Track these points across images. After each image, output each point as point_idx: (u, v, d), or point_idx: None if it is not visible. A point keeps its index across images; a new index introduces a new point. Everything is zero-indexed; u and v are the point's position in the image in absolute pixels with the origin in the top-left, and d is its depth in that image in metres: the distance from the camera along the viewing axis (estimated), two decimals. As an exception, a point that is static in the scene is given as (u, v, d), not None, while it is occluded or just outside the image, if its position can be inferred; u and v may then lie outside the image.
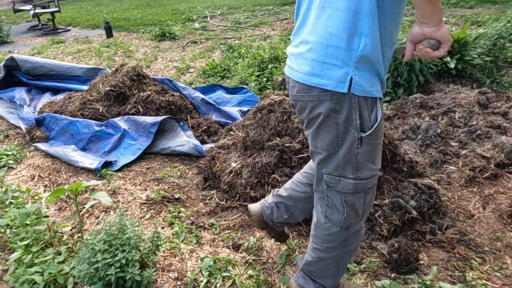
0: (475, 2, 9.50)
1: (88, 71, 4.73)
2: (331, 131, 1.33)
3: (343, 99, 1.26)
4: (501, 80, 4.18)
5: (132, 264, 1.73)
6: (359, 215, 1.45)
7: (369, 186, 1.41)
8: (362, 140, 1.31)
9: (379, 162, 1.42)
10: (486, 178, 2.57)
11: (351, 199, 1.41)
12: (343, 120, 1.29)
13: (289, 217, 1.83)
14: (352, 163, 1.36)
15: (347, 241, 1.52)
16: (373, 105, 1.29)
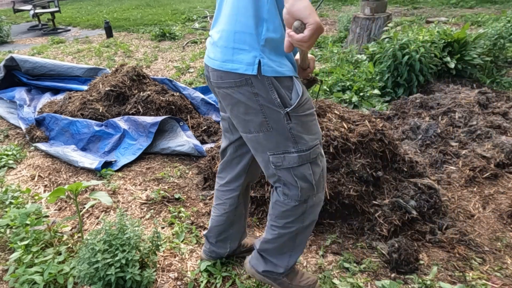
0: (475, 2, 9.50)
1: (88, 71, 4.73)
2: (258, 113, 1.39)
3: (258, 82, 1.32)
4: (501, 80, 4.18)
5: (132, 264, 1.73)
6: (313, 186, 1.49)
7: (313, 156, 1.46)
8: (289, 115, 1.37)
9: (317, 132, 1.47)
10: (486, 178, 2.57)
11: (300, 171, 1.46)
12: (264, 101, 1.35)
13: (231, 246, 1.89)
14: (290, 138, 1.41)
15: (305, 215, 1.56)
16: (289, 84, 1.35)
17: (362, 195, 2.18)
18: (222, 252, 1.91)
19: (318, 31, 1.05)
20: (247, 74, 1.31)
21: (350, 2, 11.01)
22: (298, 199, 1.51)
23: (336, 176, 2.19)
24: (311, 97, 1.47)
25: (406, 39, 3.90)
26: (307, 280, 1.73)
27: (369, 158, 2.24)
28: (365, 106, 3.78)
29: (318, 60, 5.60)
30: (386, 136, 2.35)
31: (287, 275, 1.70)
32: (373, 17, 5.52)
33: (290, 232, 1.59)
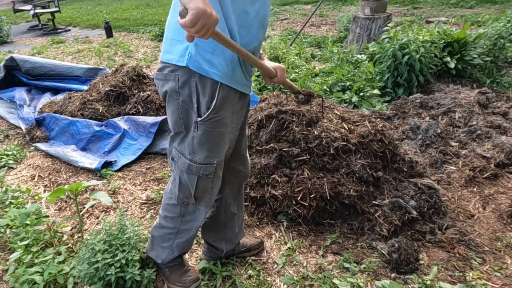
0: (475, 2, 9.49)
1: (88, 71, 4.73)
2: (175, 112, 1.42)
3: (184, 80, 1.34)
4: (501, 80, 4.18)
5: (132, 264, 1.73)
6: (192, 196, 1.55)
7: (205, 173, 1.50)
8: (198, 125, 1.40)
9: (218, 153, 1.49)
10: (486, 178, 2.57)
11: (185, 178, 1.53)
12: (184, 102, 1.38)
13: (226, 246, 1.92)
14: (190, 145, 1.46)
15: (183, 218, 1.64)
16: (213, 90, 1.35)
17: (362, 195, 2.18)
18: (219, 252, 1.92)
19: (199, 16, 1.01)
20: (178, 66, 1.33)
21: (350, 2, 11.01)
22: (177, 199, 1.60)
23: (336, 176, 2.19)
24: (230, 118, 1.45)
25: (406, 39, 3.90)
26: (188, 278, 1.79)
27: (369, 159, 2.24)
28: (365, 106, 3.78)
29: (318, 60, 5.61)
30: (386, 137, 2.35)
31: (169, 267, 1.79)
32: (373, 17, 5.52)
33: (169, 227, 1.68)
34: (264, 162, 2.34)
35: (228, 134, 1.50)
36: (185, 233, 1.69)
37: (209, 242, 1.91)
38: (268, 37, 7.15)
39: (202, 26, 1.04)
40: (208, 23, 1.05)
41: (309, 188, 2.16)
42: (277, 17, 9.59)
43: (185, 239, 1.70)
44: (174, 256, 1.76)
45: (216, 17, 1.07)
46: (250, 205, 2.36)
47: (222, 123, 1.43)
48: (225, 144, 1.50)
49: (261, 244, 2.07)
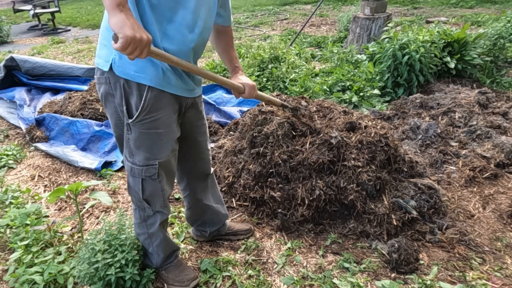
0: (475, 2, 9.49)
1: (88, 71, 4.73)
2: (113, 114, 1.45)
3: (114, 82, 1.36)
4: (501, 80, 4.18)
5: (132, 264, 1.73)
6: (141, 199, 1.58)
7: (147, 175, 1.51)
8: (130, 127, 1.42)
9: (158, 154, 1.49)
10: (486, 178, 2.57)
11: (131, 181, 1.57)
12: (117, 103, 1.41)
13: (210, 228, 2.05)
14: (128, 147, 1.49)
15: (147, 222, 1.68)
16: (141, 93, 1.36)
17: (362, 196, 2.18)
18: (204, 233, 2.09)
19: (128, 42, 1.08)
20: (104, 71, 1.37)
21: (350, 2, 11.01)
22: (133, 203, 1.65)
23: (337, 180, 2.18)
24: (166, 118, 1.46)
25: (406, 39, 3.90)
26: (186, 276, 1.81)
27: (373, 165, 2.21)
28: (365, 106, 3.78)
29: (318, 60, 5.60)
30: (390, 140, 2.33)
31: (165, 269, 1.83)
32: (373, 17, 5.52)
33: (142, 233, 1.73)
34: (253, 169, 2.33)
35: (167, 135, 1.49)
36: (155, 235, 1.72)
37: (194, 227, 2.10)
38: (268, 37, 7.15)
39: (134, 49, 1.11)
40: (140, 46, 1.11)
41: (310, 192, 2.16)
42: (277, 17, 9.59)
43: (159, 240, 1.74)
44: (162, 257, 1.80)
45: (148, 39, 1.12)
46: (250, 205, 2.36)
47: (159, 124, 1.44)
48: (165, 144, 1.50)
49: (249, 231, 2.16)
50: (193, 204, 1.95)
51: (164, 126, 1.46)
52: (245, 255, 2.04)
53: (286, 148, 2.27)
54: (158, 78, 1.37)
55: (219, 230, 2.09)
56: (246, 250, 2.07)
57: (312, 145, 2.24)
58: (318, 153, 2.20)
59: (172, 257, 1.85)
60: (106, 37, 1.34)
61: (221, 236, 2.13)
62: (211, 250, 2.09)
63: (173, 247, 1.85)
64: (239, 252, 2.06)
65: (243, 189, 2.38)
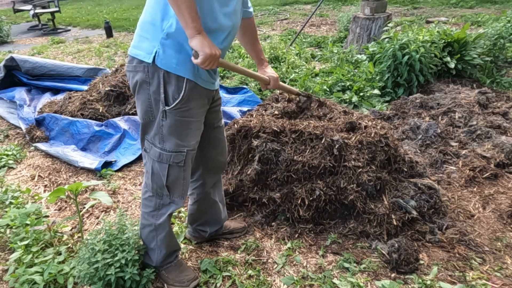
0: (475, 2, 9.50)
1: (88, 71, 4.73)
2: (145, 101, 1.54)
3: (153, 71, 1.48)
4: (501, 80, 4.18)
5: (131, 264, 1.73)
6: (163, 185, 1.64)
7: (175, 161, 1.60)
8: (166, 113, 1.52)
9: (187, 142, 1.60)
10: (486, 178, 2.57)
11: (157, 167, 1.62)
12: (153, 91, 1.51)
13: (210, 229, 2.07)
14: (159, 134, 1.57)
15: (159, 211, 1.71)
16: (180, 84, 1.50)
17: (362, 196, 2.18)
18: (204, 233, 2.08)
19: (207, 58, 1.37)
20: (145, 62, 1.48)
21: (350, 2, 11.01)
22: (151, 190, 1.68)
23: (338, 181, 2.18)
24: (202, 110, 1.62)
25: (406, 39, 3.90)
26: (186, 277, 1.82)
27: (374, 165, 2.21)
28: (365, 106, 3.78)
29: (318, 60, 5.60)
30: (390, 140, 2.33)
31: (166, 269, 1.84)
32: (373, 17, 5.52)
33: (148, 225, 1.75)
34: (248, 173, 2.33)
35: (196, 125, 1.62)
36: (162, 228, 1.75)
37: (194, 226, 2.08)
38: (268, 37, 7.15)
39: (210, 63, 1.40)
40: (213, 59, 1.40)
41: (310, 193, 2.16)
42: (277, 17, 9.59)
43: (164, 233, 1.76)
44: (164, 254, 1.80)
45: (219, 54, 1.40)
46: (250, 205, 2.36)
47: (190, 114, 1.56)
48: (193, 134, 1.61)
49: (244, 228, 2.19)
50: (201, 197, 1.95)
51: (195, 116, 1.59)
52: (245, 255, 2.04)
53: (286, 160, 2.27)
54: (194, 72, 1.52)
55: (217, 230, 2.11)
56: (246, 250, 2.07)
57: (313, 150, 2.23)
58: (319, 157, 2.19)
59: (172, 257, 1.86)
60: (149, 31, 1.47)
61: (218, 235, 2.14)
62: (211, 250, 2.09)
63: (175, 245, 1.86)
64: (239, 252, 2.06)
65: (243, 189, 2.38)
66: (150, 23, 1.47)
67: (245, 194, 2.36)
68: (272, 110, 2.64)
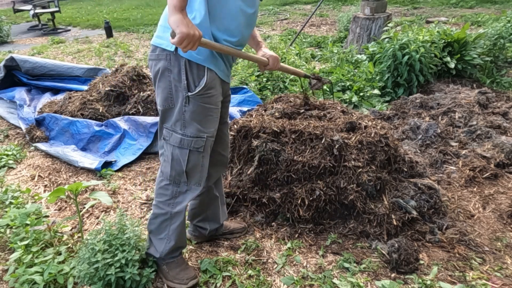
0: (475, 2, 9.50)
1: (88, 71, 4.73)
2: (166, 88, 1.58)
3: (174, 60, 1.53)
4: (501, 80, 4.18)
5: (131, 264, 1.73)
6: (183, 171, 1.67)
7: (196, 146, 1.64)
8: (189, 99, 1.57)
9: (208, 128, 1.65)
10: (486, 178, 2.57)
11: (177, 153, 1.65)
12: (174, 79, 1.55)
13: (210, 226, 2.07)
14: (181, 120, 1.61)
15: (175, 200, 1.73)
16: (200, 72, 1.55)
17: (362, 196, 2.18)
18: (204, 231, 2.09)
19: (183, 38, 1.31)
20: (167, 50, 1.53)
21: (350, 2, 11.01)
22: (169, 178, 1.70)
23: (337, 181, 2.18)
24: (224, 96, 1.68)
25: (406, 39, 3.90)
26: (186, 275, 1.82)
27: (374, 166, 2.21)
28: (365, 106, 3.78)
29: (318, 60, 5.60)
30: (390, 140, 2.32)
31: (167, 264, 1.85)
32: (373, 17, 5.52)
33: (163, 213, 1.76)
34: (248, 172, 2.33)
35: (216, 112, 1.66)
36: (177, 217, 1.76)
37: (194, 223, 2.09)
38: (268, 37, 7.15)
39: (188, 43, 1.34)
40: (193, 41, 1.34)
41: (309, 193, 2.16)
42: (277, 17, 9.59)
43: (178, 223, 1.77)
44: (171, 246, 1.80)
45: (199, 35, 1.35)
46: (250, 205, 2.36)
47: (211, 101, 1.61)
48: (214, 120, 1.66)
49: (244, 229, 2.20)
50: (205, 191, 1.96)
51: (215, 103, 1.64)
52: (245, 255, 2.04)
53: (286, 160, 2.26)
54: (214, 63, 1.58)
55: (217, 229, 2.11)
56: (246, 250, 2.07)
57: (313, 150, 2.24)
58: (319, 157, 2.19)
59: (177, 252, 1.87)
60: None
61: (218, 235, 2.15)
62: (211, 250, 2.09)
63: (183, 241, 1.87)
64: (239, 252, 2.06)
65: (243, 189, 2.38)
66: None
67: (245, 194, 2.36)
68: (272, 110, 2.64)
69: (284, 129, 2.35)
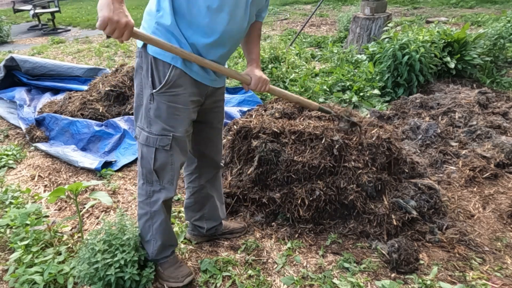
0: (475, 2, 9.50)
1: (88, 71, 4.73)
2: (138, 85, 1.61)
3: (145, 57, 1.54)
4: (501, 80, 4.18)
5: (131, 264, 1.73)
6: (152, 170, 1.66)
7: (161, 144, 1.62)
8: (153, 97, 1.56)
9: (173, 128, 1.61)
10: (486, 178, 2.57)
11: (145, 151, 1.66)
12: (144, 76, 1.56)
13: (207, 224, 2.07)
14: (147, 117, 1.61)
15: (152, 199, 1.72)
16: (165, 69, 1.53)
17: (362, 196, 2.18)
18: (202, 230, 2.09)
19: (105, 22, 1.22)
20: (139, 47, 1.56)
21: (350, 2, 11.01)
22: (142, 177, 1.71)
23: (337, 181, 2.18)
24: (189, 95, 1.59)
25: (406, 39, 3.90)
26: (181, 273, 1.83)
27: (375, 167, 2.21)
28: (365, 106, 3.78)
29: (318, 60, 5.60)
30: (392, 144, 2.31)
31: (161, 264, 1.85)
32: (373, 17, 5.52)
33: (144, 213, 1.77)
34: (248, 172, 2.33)
35: (184, 112, 1.62)
36: (157, 215, 1.75)
37: (191, 221, 2.10)
38: (268, 37, 7.15)
39: (112, 30, 1.25)
40: (118, 28, 1.25)
41: (309, 193, 2.16)
42: (277, 17, 9.59)
43: (160, 221, 1.76)
44: (159, 245, 1.80)
45: (126, 22, 1.26)
46: (250, 205, 2.36)
47: (178, 99, 1.58)
48: (181, 120, 1.62)
49: (244, 229, 2.20)
50: (197, 190, 1.97)
51: (182, 103, 1.59)
52: (245, 255, 2.04)
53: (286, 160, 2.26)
54: (183, 62, 1.54)
55: (216, 228, 2.11)
56: (246, 250, 2.07)
57: (313, 150, 2.24)
58: (319, 157, 2.19)
59: (168, 251, 1.86)
60: (146, 20, 1.53)
61: (218, 235, 2.15)
62: (211, 250, 2.09)
63: (171, 239, 1.86)
64: (239, 252, 2.06)
65: (243, 190, 2.38)
66: (148, 13, 1.54)
67: (245, 194, 2.36)
68: (272, 111, 2.65)
69: (284, 129, 2.35)
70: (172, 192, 1.74)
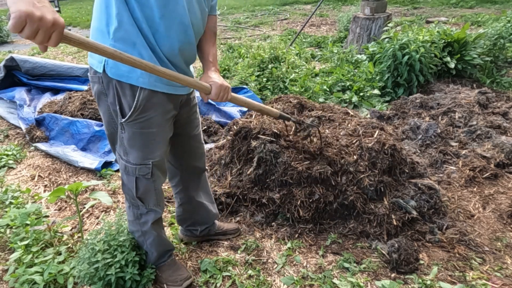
0: (475, 2, 9.50)
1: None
2: (106, 113, 1.44)
3: (106, 82, 1.34)
4: (501, 80, 4.18)
5: (131, 265, 1.73)
6: (134, 197, 1.59)
7: (141, 173, 1.52)
8: (123, 126, 1.42)
9: (151, 154, 1.48)
10: (486, 178, 2.57)
11: (125, 179, 1.57)
12: (111, 103, 1.39)
13: (201, 227, 2.05)
14: (122, 146, 1.49)
15: (140, 220, 1.68)
16: (133, 93, 1.34)
17: (362, 197, 2.18)
18: (195, 232, 2.08)
19: (22, 20, 0.86)
20: (98, 72, 1.34)
21: (350, 2, 11.01)
22: (127, 201, 1.66)
23: (340, 183, 2.18)
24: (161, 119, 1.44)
25: (406, 39, 3.90)
26: (179, 276, 1.82)
27: (377, 170, 2.21)
28: (365, 106, 3.78)
29: (318, 60, 5.60)
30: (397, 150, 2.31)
31: (159, 268, 1.84)
32: (373, 17, 5.52)
33: (136, 231, 1.74)
34: (248, 172, 2.33)
35: (160, 134, 1.48)
36: (149, 234, 1.73)
37: (184, 227, 2.08)
38: (268, 37, 7.15)
39: (33, 31, 0.88)
40: (43, 28, 0.88)
41: (310, 194, 2.16)
42: (277, 17, 9.59)
43: (152, 238, 1.75)
44: (155, 255, 1.80)
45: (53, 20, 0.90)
46: (250, 205, 2.36)
47: (151, 124, 1.42)
48: (158, 144, 1.49)
49: (237, 230, 2.18)
50: (185, 201, 1.94)
51: (157, 126, 1.45)
52: (245, 255, 2.04)
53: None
54: (150, 77, 1.34)
55: (209, 229, 2.10)
56: (246, 250, 2.07)
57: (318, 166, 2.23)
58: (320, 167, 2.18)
59: (165, 257, 1.86)
60: (98, 39, 1.30)
61: (211, 236, 2.13)
62: (211, 250, 2.09)
63: (167, 246, 1.85)
64: (239, 252, 2.06)
65: (243, 190, 2.38)
66: (98, 29, 1.30)
67: (245, 194, 2.36)
68: None
69: (283, 132, 2.35)
70: (160, 212, 1.70)
